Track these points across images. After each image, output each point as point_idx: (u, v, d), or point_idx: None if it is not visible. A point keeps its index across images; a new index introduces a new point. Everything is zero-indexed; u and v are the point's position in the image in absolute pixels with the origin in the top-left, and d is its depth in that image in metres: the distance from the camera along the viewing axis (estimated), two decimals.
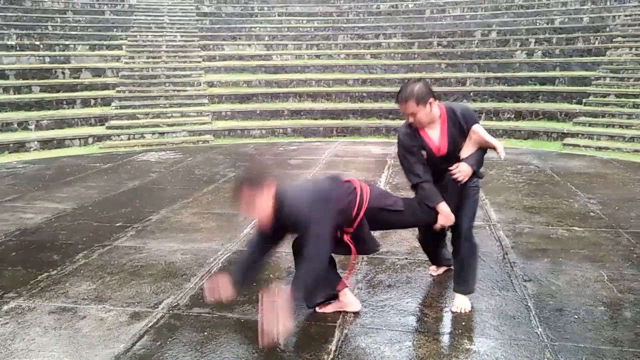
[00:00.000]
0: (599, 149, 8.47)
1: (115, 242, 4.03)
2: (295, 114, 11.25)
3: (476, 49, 13.14)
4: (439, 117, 2.78)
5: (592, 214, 4.68)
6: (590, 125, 9.50)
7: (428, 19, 15.46)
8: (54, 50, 12.17)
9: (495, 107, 10.89)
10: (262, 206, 2.42)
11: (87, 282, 3.29)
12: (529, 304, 2.96)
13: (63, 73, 11.39)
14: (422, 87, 2.69)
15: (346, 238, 2.69)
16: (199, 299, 3.04)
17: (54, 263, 3.60)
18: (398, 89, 2.78)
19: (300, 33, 14.97)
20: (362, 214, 2.65)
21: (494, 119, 10.70)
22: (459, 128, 2.77)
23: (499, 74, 11.92)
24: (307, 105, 11.60)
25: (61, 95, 10.69)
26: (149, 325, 2.75)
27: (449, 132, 2.78)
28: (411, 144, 2.81)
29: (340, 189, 2.64)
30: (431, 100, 2.70)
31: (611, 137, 8.90)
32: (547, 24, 13.60)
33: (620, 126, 9.24)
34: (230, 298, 2.59)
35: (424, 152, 2.80)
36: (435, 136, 2.79)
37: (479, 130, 2.72)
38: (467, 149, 2.77)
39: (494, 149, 2.73)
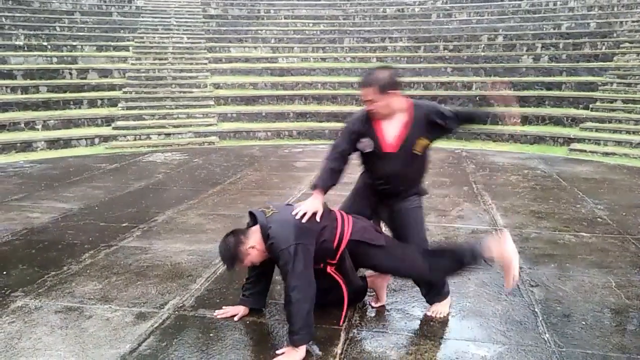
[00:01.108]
0: (606, 154, 8.43)
1: (122, 242, 4.03)
2: (301, 116, 11.28)
3: (482, 53, 13.13)
4: (403, 112, 2.62)
5: (599, 219, 4.65)
6: (597, 130, 9.47)
7: (434, 22, 15.46)
8: (62, 51, 12.26)
9: (501, 111, 10.85)
10: (255, 255, 2.55)
11: (93, 281, 3.29)
12: (536, 310, 2.94)
13: (70, 73, 11.47)
14: (387, 77, 2.54)
15: (330, 270, 2.64)
16: (205, 300, 3.04)
17: (60, 262, 3.61)
18: (404, 92, 2.72)
19: (306, 36, 15.01)
20: (343, 246, 2.57)
21: (499, 123, 10.67)
22: (426, 126, 2.61)
23: (505, 79, 11.90)
24: (313, 107, 11.63)
25: (68, 95, 10.76)
26: (155, 325, 2.75)
27: (410, 131, 2.61)
28: (354, 129, 2.68)
29: (325, 220, 2.56)
30: (394, 92, 2.56)
31: (618, 143, 8.87)
32: (554, 28, 13.57)
33: (628, 132, 9.21)
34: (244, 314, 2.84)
35: (369, 144, 2.65)
36: (391, 130, 2.63)
37: None
38: None
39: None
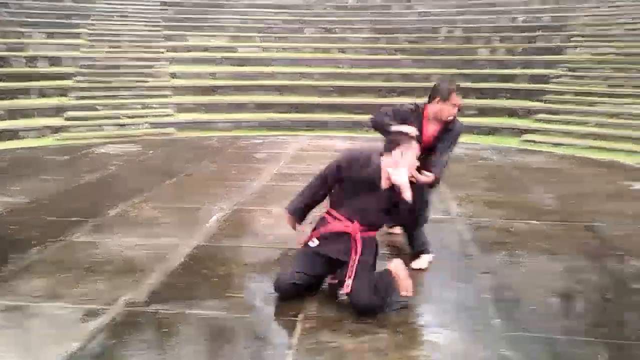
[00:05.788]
0: (556, 145, 8.73)
1: (71, 237, 3.89)
2: (261, 107, 11.14)
3: (442, 46, 13.32)
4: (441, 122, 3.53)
5: (548, 207, 4.83)
6: (548, 122, 9.79)
7: (395, 14, 15.56)
8: (9, 37, 11.65)
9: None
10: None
11: (39, 278, 3.16)
12: (486, 296, 3.02)
13: (18, 61, 10.93)
14: (437, 85, 3.47)
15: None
16: (159, 295, 2.97)
17: (4, 259, 3.44)
18: (365, 83, 2.97)
19: (267, 25, 14.81)
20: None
21: (457, 114, 10.88)
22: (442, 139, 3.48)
23: (463, 71, 12.12)
24: (273, 98, 11.51)
25: (16, 84, 10.24)
26: (105, 322, 2.67)
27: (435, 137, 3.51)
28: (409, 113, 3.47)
29: None
30: (436, 99, 3.49)
31: (567, 134, 9.20)
32: (510, 22, 13.91)
33: (576, 123, 9.56)
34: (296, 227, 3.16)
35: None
36: (429, 131, 3.48)
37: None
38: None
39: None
